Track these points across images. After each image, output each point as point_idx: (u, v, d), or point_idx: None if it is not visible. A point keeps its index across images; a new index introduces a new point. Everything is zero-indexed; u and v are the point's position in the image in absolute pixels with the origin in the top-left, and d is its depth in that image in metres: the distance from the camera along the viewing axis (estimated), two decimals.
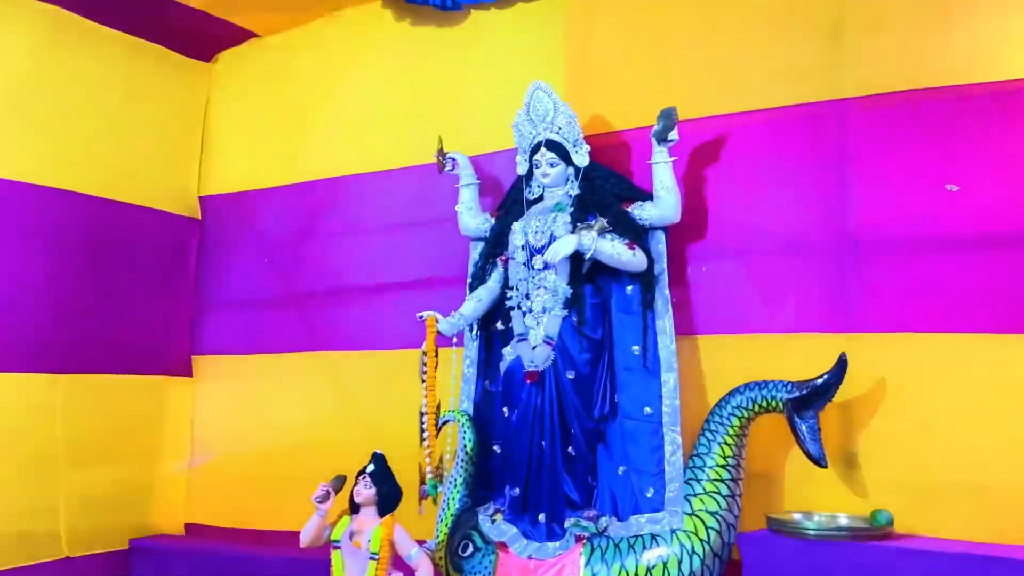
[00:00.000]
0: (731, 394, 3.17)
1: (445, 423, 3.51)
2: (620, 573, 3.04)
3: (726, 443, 3.13)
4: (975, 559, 2.67)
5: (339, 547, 3.05)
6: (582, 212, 3.36)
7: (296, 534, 3.09)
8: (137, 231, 4.63)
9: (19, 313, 4.04)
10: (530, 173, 3.54)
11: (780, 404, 3.05)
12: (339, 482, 3.10)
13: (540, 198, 3.53)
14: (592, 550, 3.13)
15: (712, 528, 3.03)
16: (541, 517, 3.27)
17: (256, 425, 4.65)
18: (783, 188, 3.44)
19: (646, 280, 3.32)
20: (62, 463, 4.16)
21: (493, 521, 3.37)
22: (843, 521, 3.02)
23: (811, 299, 3.36)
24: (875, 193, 3.23)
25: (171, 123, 4.87)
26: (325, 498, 3.03)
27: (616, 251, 3.23)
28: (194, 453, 4.84)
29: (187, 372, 4.89)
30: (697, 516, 3.05)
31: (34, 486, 4.04)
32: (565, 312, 3.30)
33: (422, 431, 3.38)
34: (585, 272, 3.33)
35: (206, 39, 4.83)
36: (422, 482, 3.40)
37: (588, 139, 3.51)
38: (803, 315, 3.35)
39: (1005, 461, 2.93)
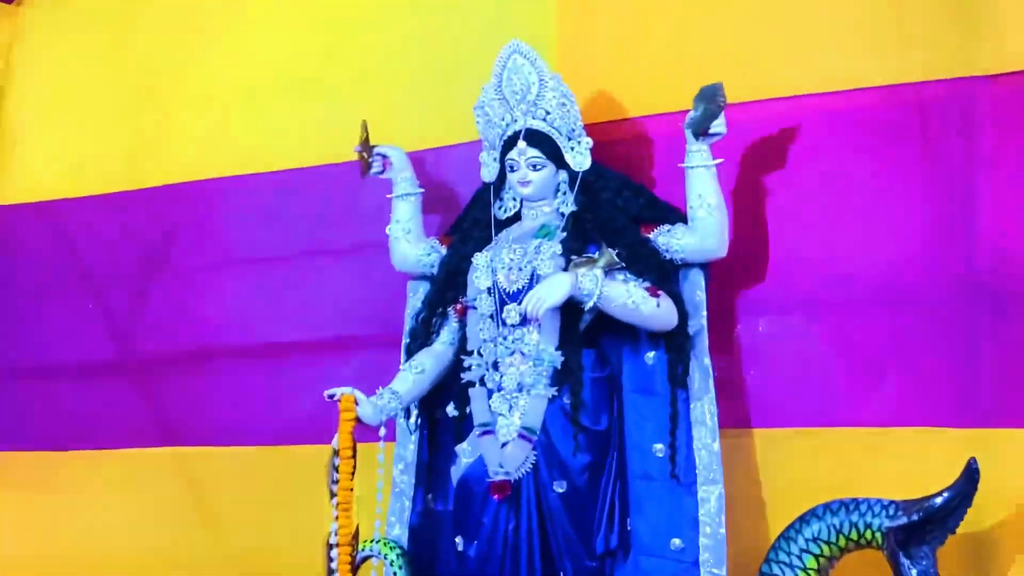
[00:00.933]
0: (805, 519, 3.12)
1: (365, 560, 3.49)
2: None
3: None
4: None
5: None
6: (580, 239, 3.35)
7: None
8: None
9: None
10: (502, 179, 3.53)
11: (879, 535, 3.00)
12: None
13: (517, 217, 3.53)
14: None
15: None
16: None
17: (64, 556, 4.63)
18: (880, 208, 3.46)
19: (676, 344, 3.27)
20: None
21: None
22: None
23: (924, 376, 3.36)
24: (1021, 215, 3.24)
25: None
26: None
27: (632, 299, 3.18)
28: None
29: None
30: None
31: None
32: (553, 391, 3.26)
33: (331, 572, 3.32)
34: (584, 331, 3.32)
35: None
36: None
37: (590, 129, 3.50)
38: (912, 400, 3.35)
39: None
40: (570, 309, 3.22)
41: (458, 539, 3.35)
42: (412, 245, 3.72)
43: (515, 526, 3.24)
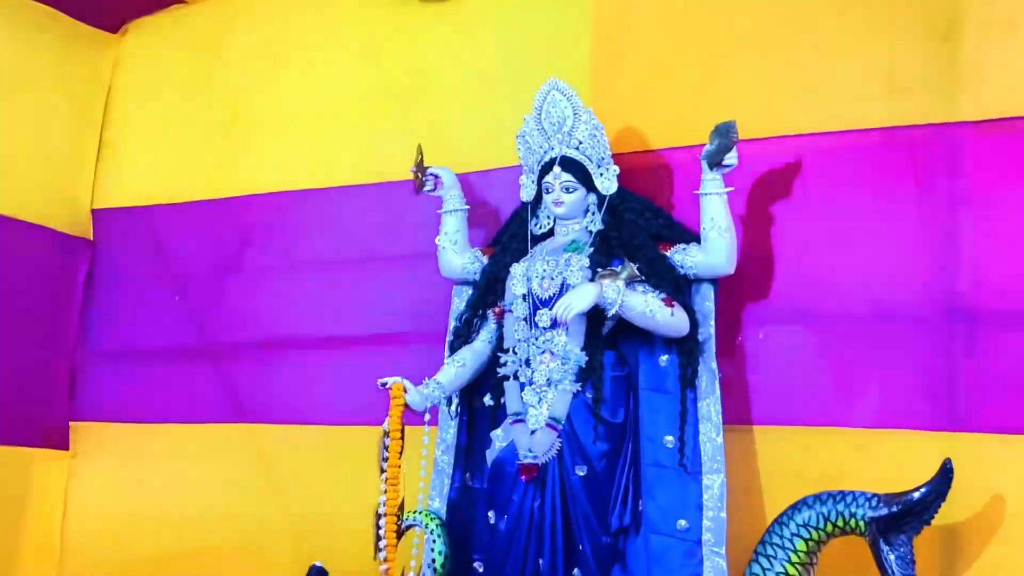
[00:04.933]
0: (797, 507, 3.10)
1: (409, 528, 3.48)
2: None
3: (788, 573, 3.07)
4: None
5: None
6: (605, 254, 3.34)
7: None
8: (6, 252, 4.62)
9: None
10: (538, 199, 3.54)
11: (862, 524, 2.99)
12: None
13: (550, 233, 3.52)
14: None
15: None
16: None
17: (150, 515, 4.64)
18: (872, 235, 3.43)
19: (687, 348, 3.26)
20: None
21: None
22: None
23: (907, 384, 3.34)
24: (996, 246, 3.22)
25: (60, 111, 4.90)
26: None
27: (649, 308, 3.17)
28: (65, 550, 4.82)
29: (62, 444, 4.88)
30: None
31: None
32: (577, 387, 3.26)
33: (378, 538, 3.30)
34: (606, 334, 3.31)
35: (112, 4, 4.86)
36: None
37: (617, 159, 3.50)
38: (895, 405, 3.33)
39: None
40: (595, 315, 3.23)
41: (490, 513, 3.38)
42: (458, 255, 3.72)
43: (540, 504, 3.25)
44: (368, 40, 4.47)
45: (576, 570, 3.23)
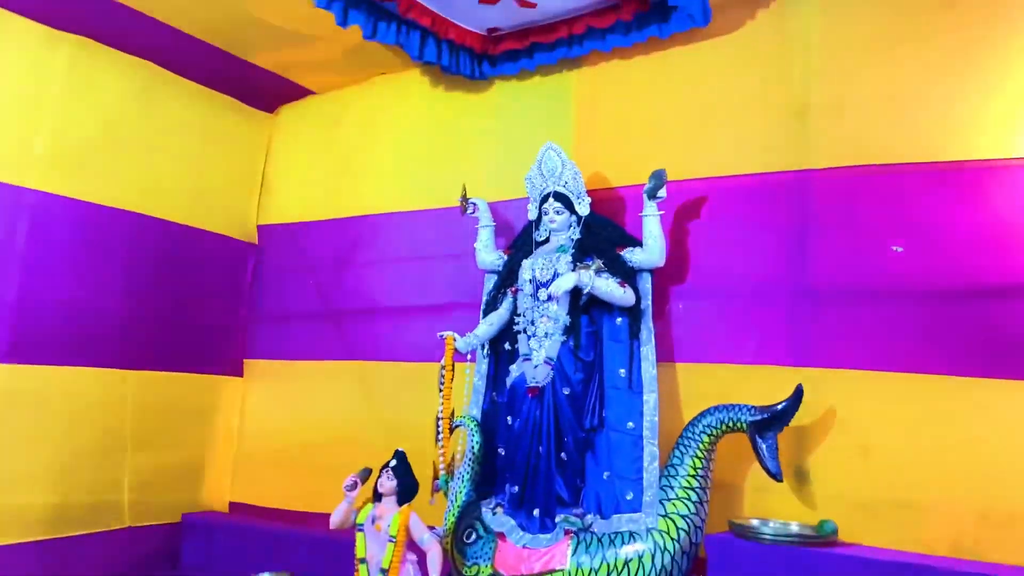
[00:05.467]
0: (702, 414, 3.14)
1: (457, 427, 3.48)
2: (601, 564, 3.00)
3: (696, 456, 3.10)
4: (906, 567, 2.64)
5: (362, 530, 3.01)
6: (582, 254, 3.34)
7: (326, 516, 3.06)
8: (203, 251, 4.64)
9: (101, 317, 4.07)
10: (539, 219, 3.53)
11: (744, 425, 3.03)
12: (365, 474, 3.07)
13: (547, 240, 3.51)
14: (578, 543, 3.09)
15: (682, 529, 3.00)
16: (535, 512, 3.21)
17: (295, 421, 4.64)
18: (752, 242, 3.42)
19: (633, 314, 3.28)
20: (128, 445, 4.16)
21: (494, 514, 3.33)
22: (794, 528, 2.97)
23: (774, 337, 3.33)
24: (830, 249, 3.22)
25: (237, 162, 4.89)
26: (353, 487, 3.00)
27: (609, 288, 3.20)
28: (240, 442, 4.82)
29: (238, 373, 4.87)
30: (670, 518, 3.01)
31: (104, 464, 4.04)
32: (564, 338, 3.27)
33: (437, 433, 3.35)
34: (582, 305, 3.30)
35: (271, 94, 4.86)
36: (435, 477, 3.38)
37: (590, 192, 3.50)
38: (767, 350, 3.32)
39: (934, 483, 2.92)
40: (575, 292, 3.25)
41: (508, 418, 3.36)
42: (488, 254, 3.72)
43: (540, 412, 3.24)
44: (433, 115, 4.44)
45: (562, 453, 3.23)
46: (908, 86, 3.16)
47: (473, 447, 3.41)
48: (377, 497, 3.04)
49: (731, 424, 3.06)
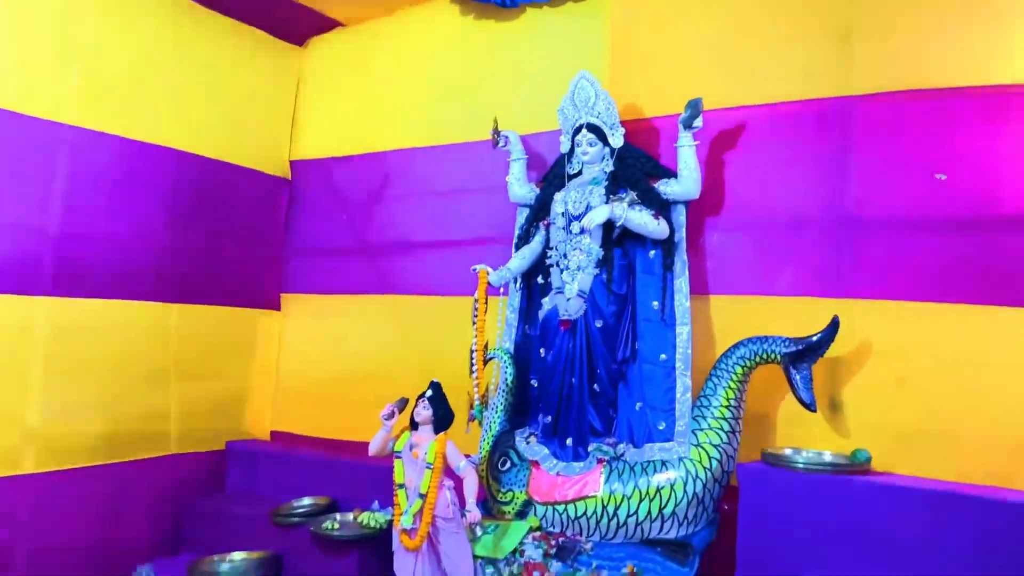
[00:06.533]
0: (736, 346, 3.13)
1: (491, 359, 3.51)
2: (634, 491, 3.05)
3: (729, 387, 3.10)
4: (940, 495, 2.64)
5: (400, 457, 3.07)
6: (615, 186, 3.30)
7: (364, 444, 3.11)
8: (238, 187, 4.67)
9: (143, 252, 4.14)
10: (571, 151, 3.48)
11: (778, 357, 3.01)
12: (402, 403, 3.12)
13: (579, 173, 3.47)
14: (611, 471, 3.14)
15: (714, 458, 3.03)
16: (568, 441, 3.27)
17: (332, 353, 4.72)
18: (791, 172, 3.35)
19: (667, 246, 3.25)
20: (173, 377, 4.28)
21: (528, 443, 3.39)
22: (827, 457, 2.98)
23: (810, 267, 3.28)
24: (872, 178, 3.13)
25: (268, 97, 4.88)
26: (391, 416, 3.05)
27: (643, 220, 3.17)
28: (280, 374, 4.91)
29: (276, 307, 4.94)
30: (702, 447, 3.04)
31: (151, 394, 4.17)
32: (597, 271, 3.26)
33: (471, 365, 3.39)
34: (615, 238, 3.29)
35: (300, 26, 4.82)
36: (470, 407, 3.44)
37: (624, 123, 3.44)
38: (802, 281, 3.28)
39: (969, 413, 2.89)
40: (608, 225, 3.23)
41: (541, 350, 3.41)
42: (520, 187, 3.70)
43: (572, 344, 3.28)
44: (463, 46, 4.37)
45: (595, 385, 3.27)
46: (955, 7, 3.03)
47: (507, 379, 3.45)
48: (414, 426, 3.09)
49: (765, 356, 3.04)
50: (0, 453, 3.51)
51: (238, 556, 3.74)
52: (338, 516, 3.76)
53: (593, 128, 3.37)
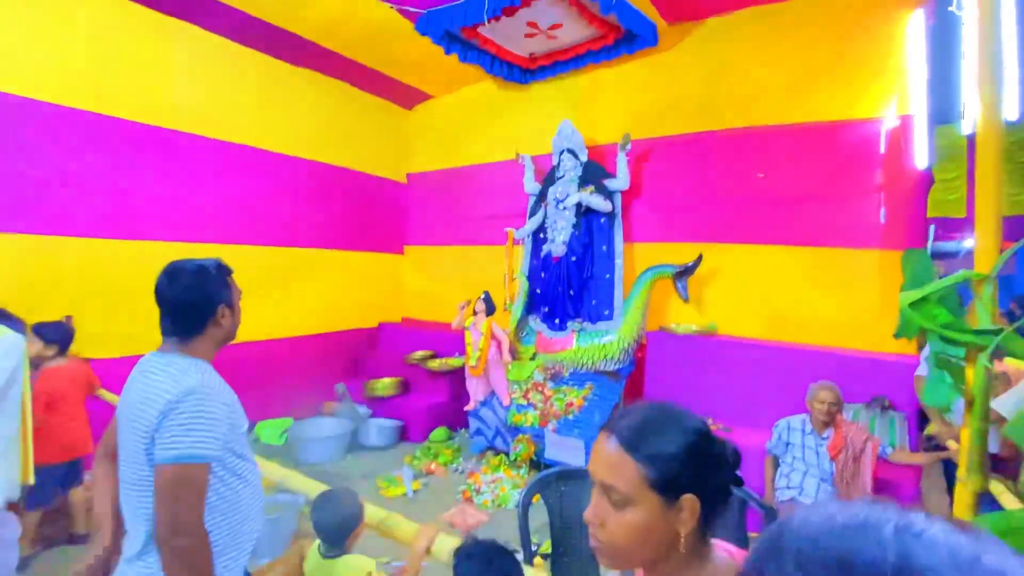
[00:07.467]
0: (647, 270, 3.15)
1: (515, 279, 3.55)
2: (591, 345, 3.15)
3: (643, 292, 3.13)
4: (750, 344, 2.76)
5: (468, 329, 3.21)
6: (582, 183, 3.29)
7: (448, 324, 3.20)
8: (380, 188, 4.59)
9: (331, 224, 4.09)
10: (558, 164, 3.44)
11: (669, 274, 3.05)
12: (469, 301, 3.21)
13: (562, 176, 3.42)
14: (579, 335, 3.22)
15: (634, 329, 3.08)
16: (557, 321, 3.34)
17: (432, 277, 4.64)
18: (675, 174, 3.27)
19: (611, 216, 3.24)
20: (349, 293, 4.32)
21: (535, 321, 3.45)
22: (694, 328, 3.06)
23: (685, 226, 3.19)
24: (721, 179, 3.06)
25: (392, 139, 4.69)
26: (464, 306, 3.16)
27: (597, 202, 3.18)
28: (404, 287, 4.78)
29: (401, 252, 4.85)
30: (628, 324, 3.11)
31: (341, 302, 4.24)
32: (572, 230, 3.27)
33: (505, 282, 3.47)
34: (583, 211, 3.27)
35: (408, 98, 4.64)
36: (504, 304, 3.52)
37: (587, 147, 3.39)
38: (681, 233, 3.22)
39: (757, 303, 2.90)
40: (578, 205, 3.20)
41: (542, 274, 3.39)
42: (530, 185, 3.63)
43: (559, 270, 3.27)
44: (499, 105, 4.15)
45: (571, 291, 3.26)
46: None
47: (523, 288, 3.50)
48: (474, 312, 3.21)
49: (662, 274, 3.09)
50: (262, 327, 3.58)
51: (387, 380, 3.87)
52: (437, 360, 3.85)
53: (571, 151, 3.35)
